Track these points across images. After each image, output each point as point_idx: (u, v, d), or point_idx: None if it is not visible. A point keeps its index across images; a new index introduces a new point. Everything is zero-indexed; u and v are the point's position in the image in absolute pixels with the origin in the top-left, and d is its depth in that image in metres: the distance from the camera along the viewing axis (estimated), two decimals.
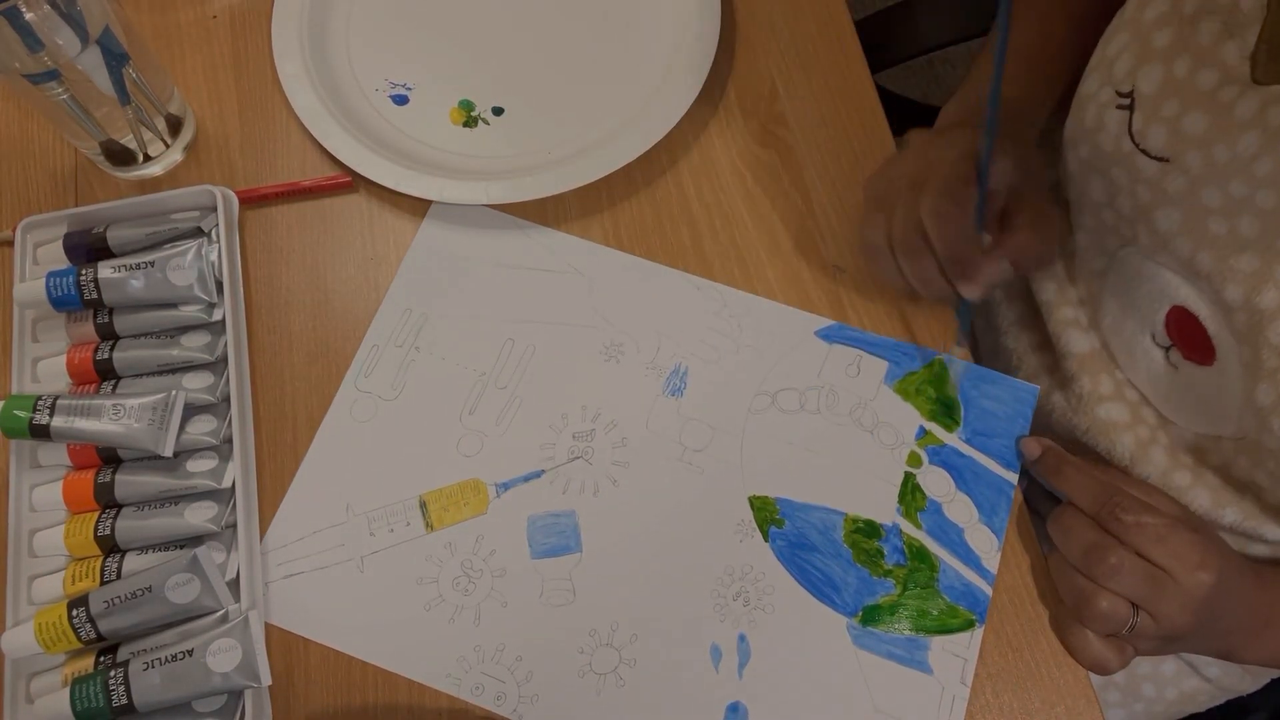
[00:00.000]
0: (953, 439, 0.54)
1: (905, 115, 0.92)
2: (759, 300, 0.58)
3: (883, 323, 0.57)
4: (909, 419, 0.55)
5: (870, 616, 0.51)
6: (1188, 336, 0.50)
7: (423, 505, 0.54)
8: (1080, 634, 0.49)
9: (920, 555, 0.52)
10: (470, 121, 0.63)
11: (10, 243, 0.58)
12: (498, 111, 0.63)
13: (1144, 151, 0.48)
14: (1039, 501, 0.67)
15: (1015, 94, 0.55)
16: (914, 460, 0.54)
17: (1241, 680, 0.64)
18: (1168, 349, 0.52)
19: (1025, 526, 0.53)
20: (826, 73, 0.64)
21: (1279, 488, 0.49)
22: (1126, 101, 0.48)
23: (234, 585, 0.51)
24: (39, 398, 0.51)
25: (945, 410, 0.55)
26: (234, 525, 0.52)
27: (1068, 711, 0.50)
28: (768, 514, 0.53)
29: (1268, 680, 0.65)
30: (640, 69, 0.64)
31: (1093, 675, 0.50)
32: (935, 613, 0.51)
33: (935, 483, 0.54)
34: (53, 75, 0.52)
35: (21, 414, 0.51)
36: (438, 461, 0.55)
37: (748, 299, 0.58)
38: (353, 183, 0.61)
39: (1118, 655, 0.48)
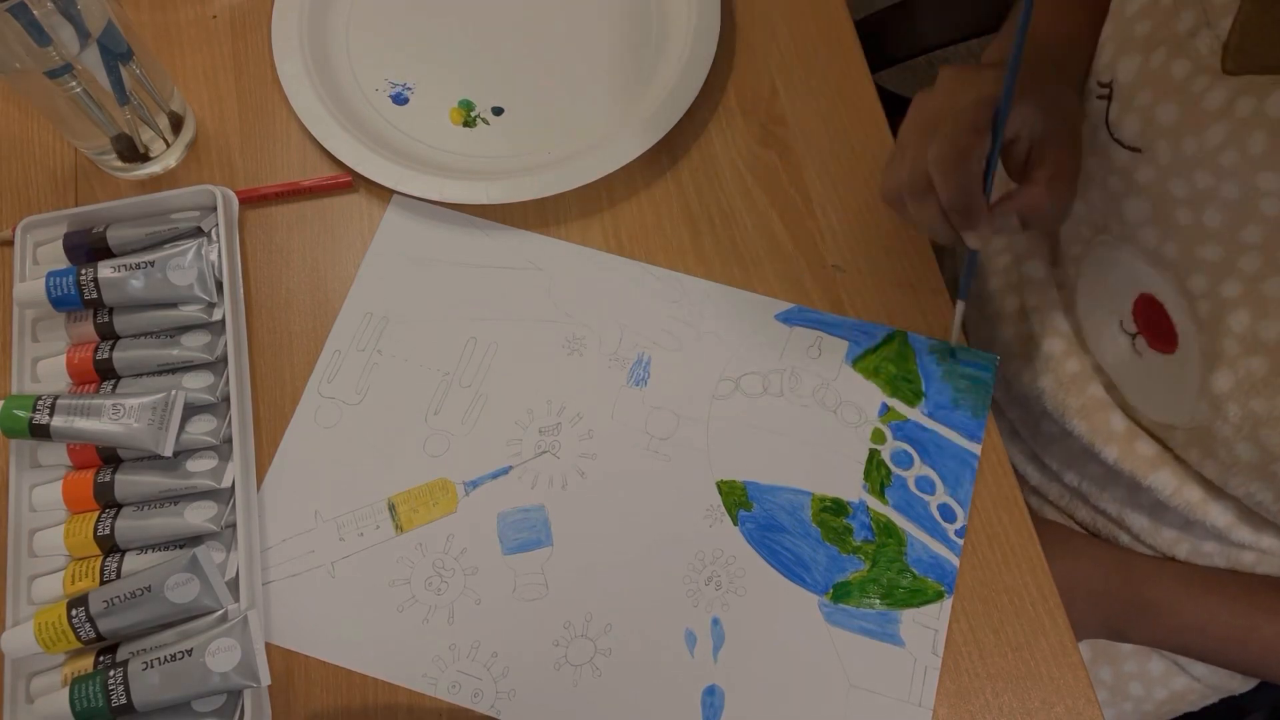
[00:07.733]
0: (915, 414, 0.55)
1: (905, 115, 0.92)
2: (717, 286, 0.58)
3: (881, 322, 0.57)
4: (871, 396, 0.55)
5: (841, 593, 0.51)
6: (1153, 324, 0.51)
7: (391, 507, 0.54)
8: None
9: (888, 530, 0.53)
10: (470, 121, 0.63)
11: (10, 243, 0.58)
12: (498, 111, 0.63)
13: (1118, 141, 0.48)
14: (1041, 489, 0.67)
15: (1061, 31, 0.53)
16: (878, 437, 0.54)
17: (1231, 679, 0.64)
18: (1134, 336, 0.53)
19: (1026, 526, 0.53)
20: (826, 73, 0.64)
21: (1228, 477, 0.49)
22: (1106, 91, 0.48)
23: (233, 585, 0.51)
24: (39, 397, 0.51)
25: (907, 385, 0.55)
26: (234, 525, 0.52)
27: (1068, 711, 0.50)
28: (736, 498, 0.53)
29: (1258, 680, 0.65)
30: (640, 69, 0.64)
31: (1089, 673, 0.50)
32: (904, 586, 0.52)
33: (899, 458, 0.54)
34: (67, 69, 0.52)
35: (21, 414, 0.51)
36: (405, 463, 0.55)
37: (706, 285, 0.58)
38: (353, 183, 0.61)
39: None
